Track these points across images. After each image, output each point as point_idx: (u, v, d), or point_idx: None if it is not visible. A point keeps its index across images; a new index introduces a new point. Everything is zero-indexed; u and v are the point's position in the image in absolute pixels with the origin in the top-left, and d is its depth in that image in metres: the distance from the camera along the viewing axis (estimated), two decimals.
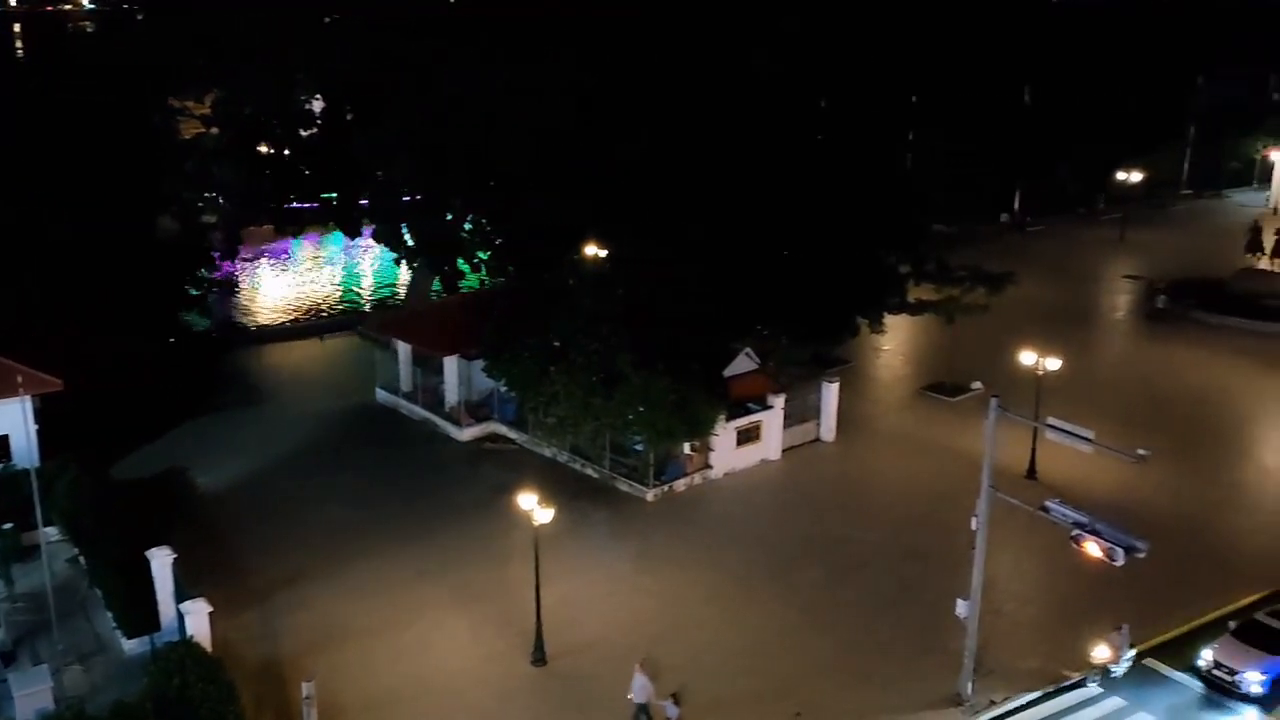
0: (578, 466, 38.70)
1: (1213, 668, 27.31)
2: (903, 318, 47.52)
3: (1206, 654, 27.65)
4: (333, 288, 65.35)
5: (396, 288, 64.57)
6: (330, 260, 70.79)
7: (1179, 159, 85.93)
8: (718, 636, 29.43)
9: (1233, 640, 27.72)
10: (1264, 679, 26.65)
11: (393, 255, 52.56)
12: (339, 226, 52.05)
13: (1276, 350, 50.46)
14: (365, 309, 60.76)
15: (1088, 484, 35.74)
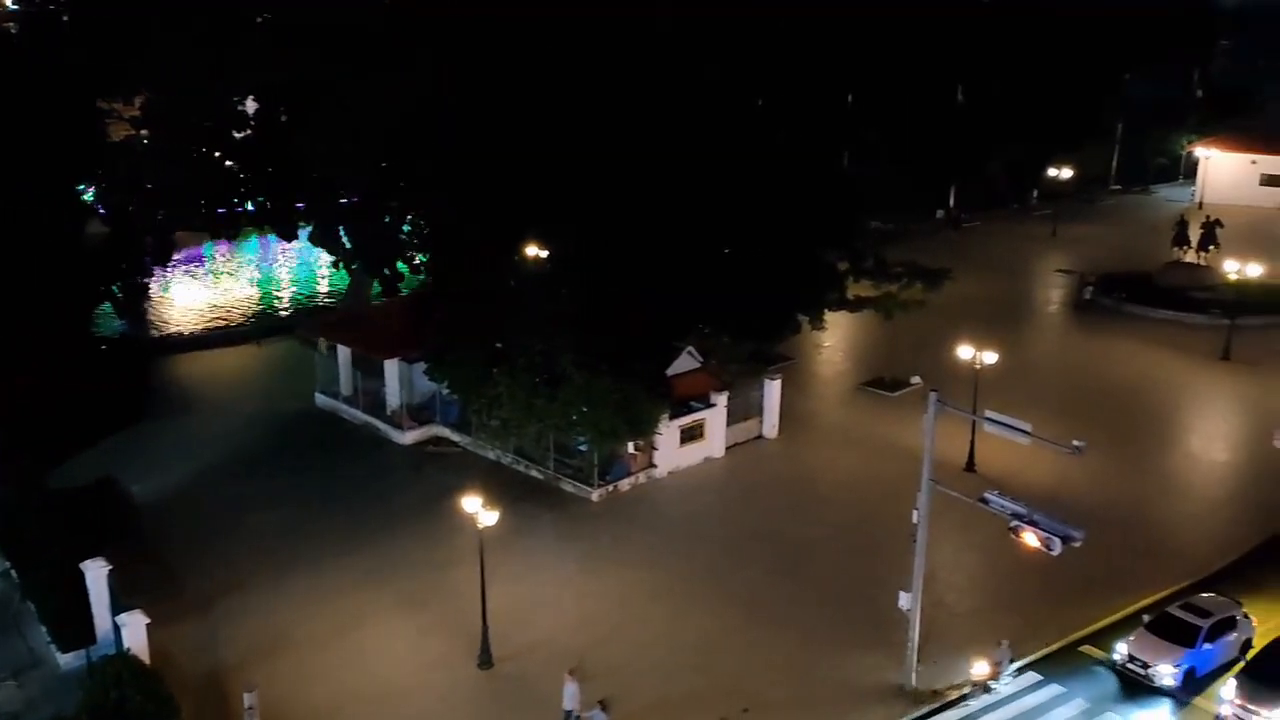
0: (522, 468, 38.56)
1: (1127, 661, 27.65)
2: (842, 314, 47.99)
3: (1121, 648, 28.01)
4: (251, 293, 64.46)
5: (317, 293, 64.13)
6: (246, 266, 69.71)
7: (1107, 155, 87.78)
8: (664, 635, 29.51)
9: (1146, 634, 28.06)
10: (1176, 671, 27.02)
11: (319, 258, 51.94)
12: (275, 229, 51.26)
13: (1203, 342, 51.73)
14: (287, 314, 60.17)
15: (1025, 475, 36.38)
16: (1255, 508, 36.02)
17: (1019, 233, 75.20)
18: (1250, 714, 25.63)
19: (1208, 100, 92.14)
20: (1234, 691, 26.09)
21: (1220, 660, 27.90)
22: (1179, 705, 26.75)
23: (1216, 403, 46.29)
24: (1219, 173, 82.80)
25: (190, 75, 43.83)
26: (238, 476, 38.48)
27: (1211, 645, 27.63)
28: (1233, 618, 28.36)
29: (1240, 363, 49.43)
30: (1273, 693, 25.62)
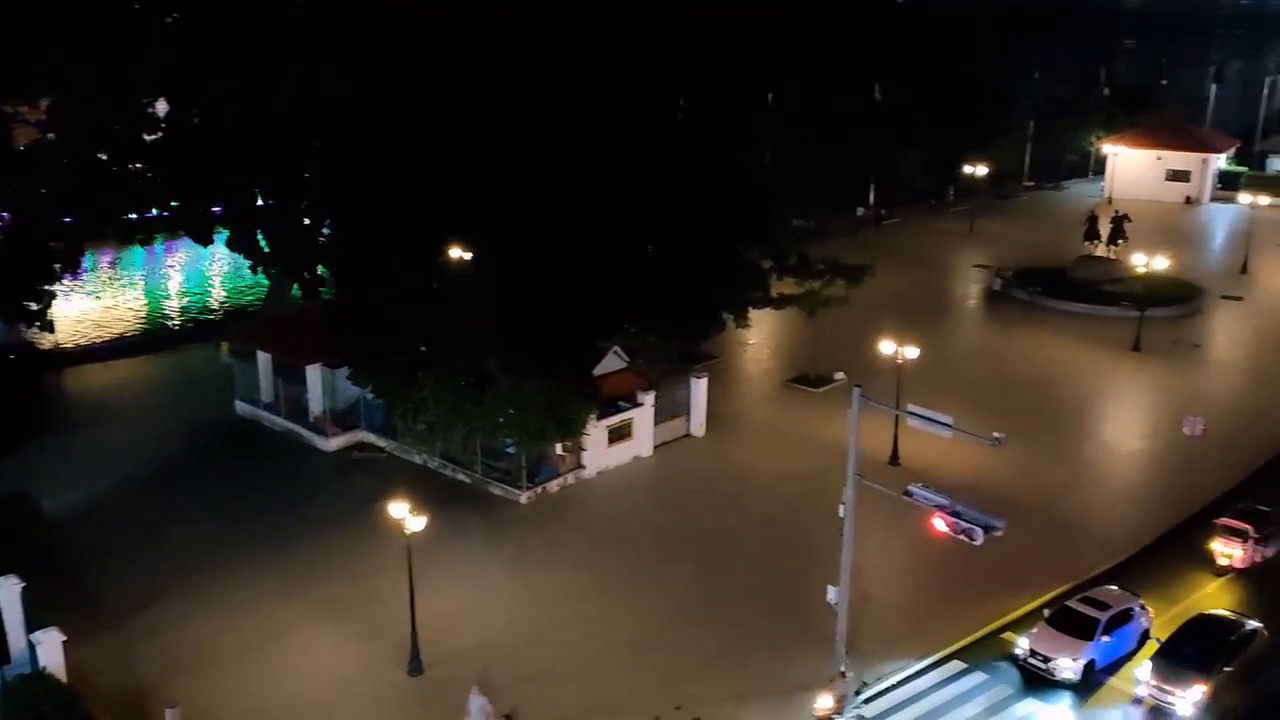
0: (449, 472, 38.23)
1: (1028, 656, 27.80)
2: (767, 312, 48.47)
3: (1023, 642, 28.15)
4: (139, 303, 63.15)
5: (210, 301, 63.12)
6: (132, 275, 68.09)
7: (1020, 152, 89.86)
8: (595, 634, 29.48)
9: (1046, 628, 28.24)
10: (1076, 665, 27.25)
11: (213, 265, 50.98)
12: (189, 234, 50.10)
13: (1114, 334, 53.23)
14: (175, 324, 59.10)
15: (948, 467, 37.06)
16: (1167, 494, 37.13)
17: (937, 229, 76.63)
18: (1165, 694, 26.41)
19: (1114, 98, 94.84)
20: (1150, 673, 26.85)
21: (1119, 652, 28.38)
22: (1081, 698, 27.09)
23: (1128, 392, 47.66)
24: (1127, 169, 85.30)
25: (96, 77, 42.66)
26: (154, 488, 37.55)
27: (1110, 637, 28.04)
28: (1130, 610, 28.82)
29: (1150, 353, 50.96)
30: (1186, 673, 26.43)
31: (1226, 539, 32.31)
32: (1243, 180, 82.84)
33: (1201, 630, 27.80)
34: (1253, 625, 28.02)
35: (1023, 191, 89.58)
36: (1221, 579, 31.88)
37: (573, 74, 43.95)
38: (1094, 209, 67.70)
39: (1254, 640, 27.74)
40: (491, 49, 43.39)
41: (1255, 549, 32.12)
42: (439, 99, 42.79)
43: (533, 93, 42.92)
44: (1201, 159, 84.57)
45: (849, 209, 78.67)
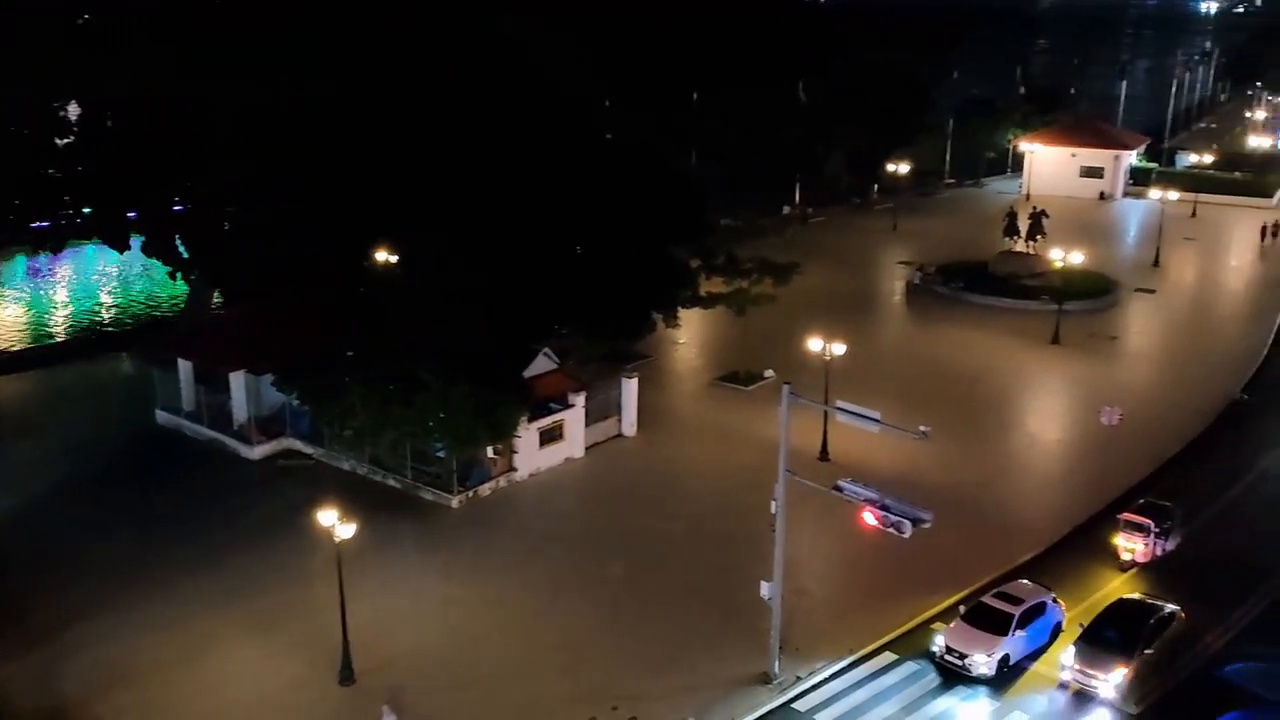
0: (379, 478, 37.75)
1: (945, 653, 27.90)
2: (696, 311, 48.67)
3: (939, 639, 28.25)
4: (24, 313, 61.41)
5: (100, 312, 61.83)
6: (12, 285, 66.06)
7: (940, 150, 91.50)
8: (530, 638, 29.33)
9: (962, 624, 28.40)
10: (991, 660, 27.35)
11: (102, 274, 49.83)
12: (104, 240, 48.82)
13: (1035, 327, 54.41)
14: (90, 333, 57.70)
15: (877, 462, 37.54)
16: (1087, 482, 38.02)
17: (862, 227, 77.67)
18: (1089, 678, 27.04)
19: (1029, 97, 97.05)
20: (1073, 658, 27.46)
21: (1034, 646, 28.55)
22: (997, 692, 27.39)
23: (1049, 384, 48.76)
24: (1043, 165, 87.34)
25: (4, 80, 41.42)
26: (73, 502, 36.48)
27: (1024, 632, 28.19)
28: (1043, 603, 29.01)
29: (1068, 346, 52.20)
30: (1108, 656, 27.08)
31: (1129, 534, 32.80)
32: (1153, 176, 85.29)
33: (1122, 614, 28.49)
34: (1170, 608, 28.80)
35: (944, 189, 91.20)
36: (1126, 574, 32.45)
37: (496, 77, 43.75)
38: (1013, 205, 69.09)
39: (1172, 623, 28.55)
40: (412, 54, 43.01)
41: (1156, 543, 32.76)
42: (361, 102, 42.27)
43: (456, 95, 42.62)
44: (1114, 156, 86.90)
45: (775, 208, 79.38)
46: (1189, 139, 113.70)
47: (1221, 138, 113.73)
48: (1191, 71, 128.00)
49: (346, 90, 42.03)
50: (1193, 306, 60.83)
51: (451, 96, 42.93)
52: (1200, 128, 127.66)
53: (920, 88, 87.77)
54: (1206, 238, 74.57)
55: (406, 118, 42.10)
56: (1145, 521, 32.76)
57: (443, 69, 43.46)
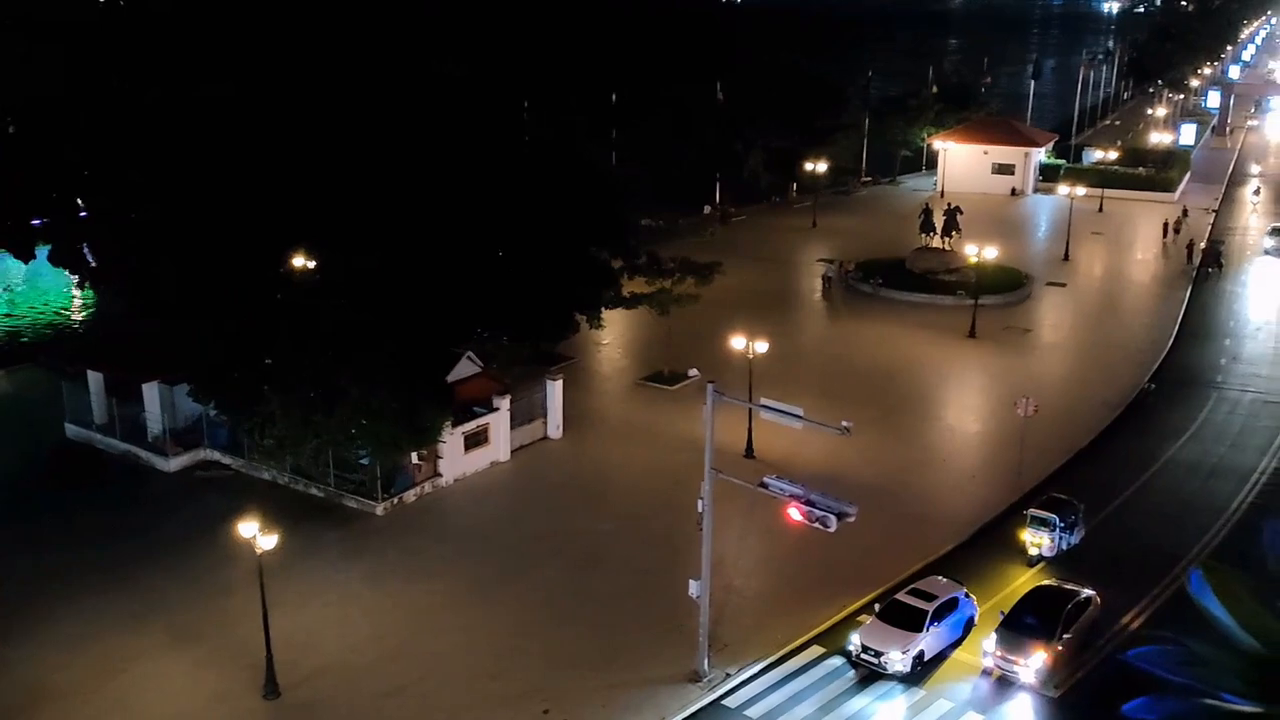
0: (301, 487, 37.09)
1: (861, 652, 27.94)
2: (619, 311, 48.70)
3: (854, 638, 28.23)
4: None
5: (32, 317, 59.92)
6: None
7: (857, 149, 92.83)
8: (460, 644, 29.07)
9: (877, 622, 28.47)
10: (906, 658, 27.44)
11: None
12: (8, 249, 47.21)
13: (951, 321, 55.50)
14: None
15: (801, 457, 37.93)
16: (1005, 472, 38.87)
17: (782, 225, 78.43)
18: (1009, 663, 27.61)
19: (942, 96, 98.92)
20: (994, 644, 28.01)
21: (947, 641, 28.78)
22: (913, 687, 27.68)
23: (966, 377, 49.77)
24: (956, 163, 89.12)
25: None
26: None
27: (938, 627, 28.36)
28: (956, 599, 29.18)
29: (984, 339, 53.34)
30: (1028, 642, 27.69)
31: (1035, 529, 33.15)
32: (1062, 172, 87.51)
33: (1041, 600, 29.10)
34: (1087, 593, 29.56)
35: (861, 187, 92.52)
36: (1033, 568, 32.92)
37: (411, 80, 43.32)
38: (928, 202, 70.34)
39: (1088, 607, 29.32)
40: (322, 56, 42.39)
41: (1061, 537, 33.15)
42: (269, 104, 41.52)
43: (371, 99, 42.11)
44: (1024, 153, 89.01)
45: (696, 208, 79.80)
46: (1095, 136, 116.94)
47: (1125, 134, 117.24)
48: (1095, 70, 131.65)
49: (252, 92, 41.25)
50: (1101, 299, 62.58)
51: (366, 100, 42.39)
52: (1105, 125, 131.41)
53: (834, 88, 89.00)
54: (1113, 232, 76.78)
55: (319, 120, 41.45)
56: (1050, 516, 33.21)
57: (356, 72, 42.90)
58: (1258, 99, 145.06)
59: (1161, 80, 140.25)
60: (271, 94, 41.25)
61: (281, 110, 41.20)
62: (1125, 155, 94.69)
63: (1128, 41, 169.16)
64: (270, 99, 41.20)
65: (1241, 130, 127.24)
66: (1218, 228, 78.37)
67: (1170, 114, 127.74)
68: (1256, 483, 38.95)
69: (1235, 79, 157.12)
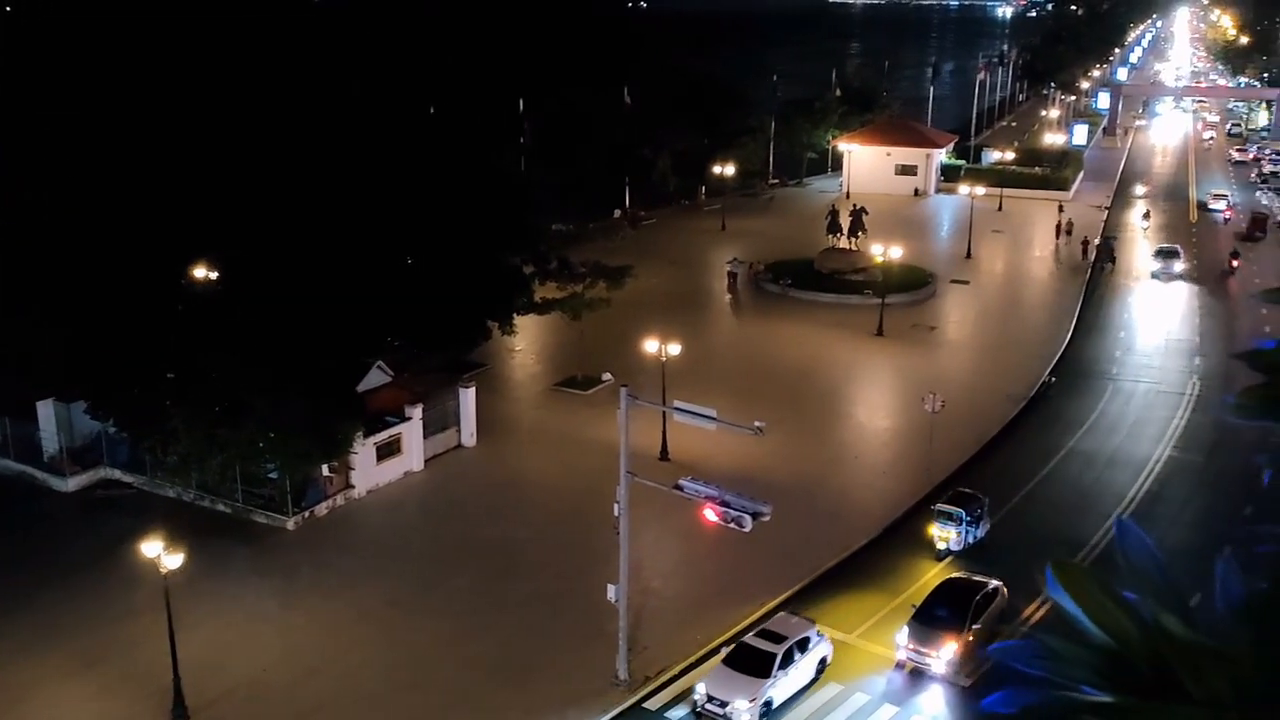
0: (207, 503, 36.10)
1: (705, 702, 26.26)
2: (531, 317, 48.46)
3: (700, 687, 26.49)
4: None
5: None
6: None
7: (764, 151, 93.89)
8: (375, 658, 28.60)
9: (723, 669, 26.79)
10: (754, 707, 25.93)
11: None
12: None
13: (859, 320, 56.42)
14: None
15: (716, 458, 38.15)
16: (915, 467, 39.64)
17: (692, 228, 78.90)
18: (922, 656, 28.05)
19: (845, 98, 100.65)
20: (906, 637, 28.40)
21: (798, 686, 27.40)
22: (826, 684, 28.29)
23: (875, 375, 50.66)
24: (861, 164, 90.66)
25: None
26: None
27: (787, 671, 26.90)
28: (807, 639, 27.76)
29: (892, 337, 54.35)
30: (939, 633, 28.11)
31: (942, 524, 33.63)
32: (962, 172, 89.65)
33: (950, 592, 29.67)
34: (994, 584, 30.12)
35: (768, 189, 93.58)
36: (942, 562, 33.41)
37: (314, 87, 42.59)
38: (834, 203, 71.38)
39: (996, 598, 29.98)
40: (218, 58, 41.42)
41: (968, 530, 33.63)
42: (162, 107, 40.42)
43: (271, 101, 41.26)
44: (926, 154, 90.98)
45: (606, 212, 79.87)
46: (992, 137, 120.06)
47: (1021, 135, 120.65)
48: (992, 73, 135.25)
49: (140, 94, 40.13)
50: (1003, 296, 64.26)
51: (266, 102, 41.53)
52: (1002, 126, 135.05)
53: (739, 91, 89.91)
54: (1012, 230, 78.89)
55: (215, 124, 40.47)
56: (957, 511, 33.75)
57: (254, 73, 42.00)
58: (1145, 100, 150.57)
59: (1054, 82, 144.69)
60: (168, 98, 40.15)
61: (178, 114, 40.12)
62: (1022, 155, 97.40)
63: (1022, 45, 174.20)
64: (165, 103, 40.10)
65: (1130, 130, 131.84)
66: (1110, 224, 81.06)
67: (1063, 115, 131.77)
68: (1152, 470, 40.37)
69: (1123, 81, 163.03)
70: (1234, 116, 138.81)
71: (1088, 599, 1.60)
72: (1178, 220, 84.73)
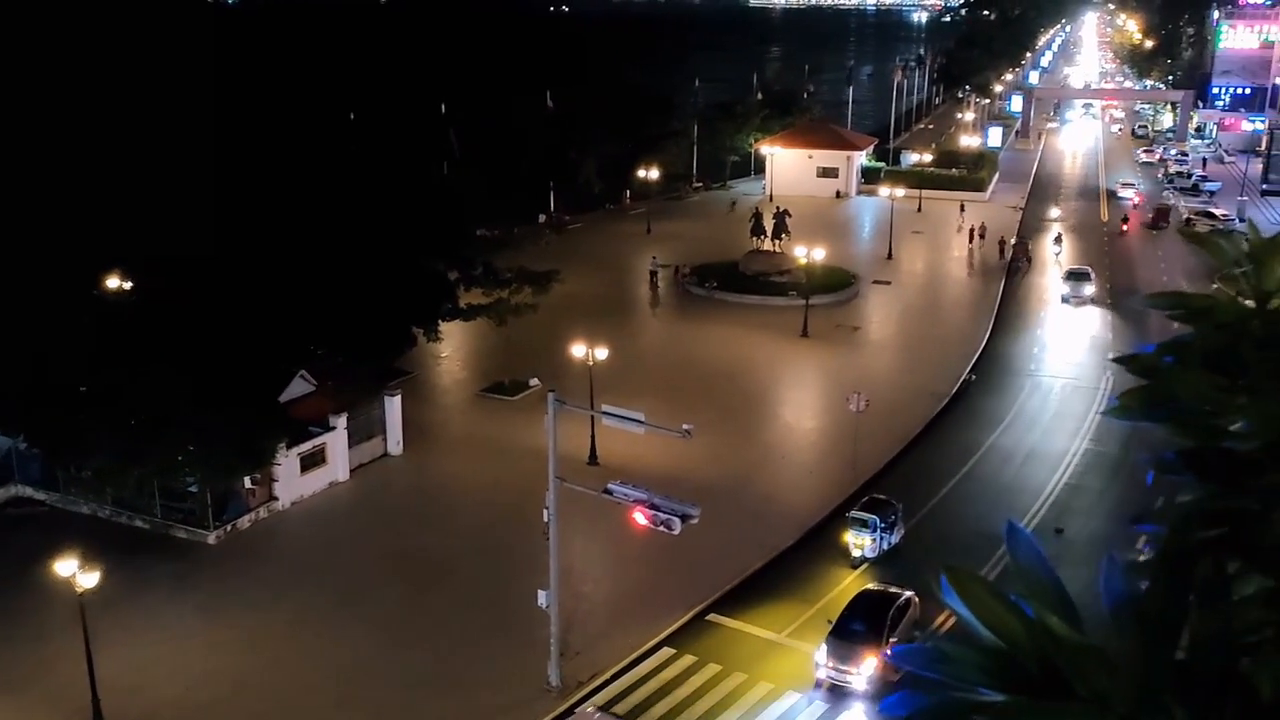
0: (125, 520, 35.22)
1: None
2: (457, 324, 48.13)
3: None
4: None
5: None
6: None
7: (688, 155, 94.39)
8: (303, 673, 28.14)
9: None
10: None
11: None
12: None
13: (784, 321, 56.99)
14: None
15: (645, 461, 38.19)
16: (841, 465, 40.15)
17: (617, 231, 79.02)
18: (842, 673, 27.54)
19: (766, 102, 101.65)
20: (824, 655, 27.66)
21: None
22: (751, 689, 28.84)
23: (801, 375, 51.22)
24: (783, 167, 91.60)
25: None
26: None
27: None
28: None
29: (817, 338, 55.00)
30: (857, 648, 27.53)
31: (856, 531, 33.19)
32: (882, 174, 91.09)
33: (865, 606, 29.01)
34: (907, 594, 29.41)
35: (693, 192, 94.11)
36: (857, 570, 32.95)
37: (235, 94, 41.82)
38: (758, 206, 72.02)
39: (909, 609, 29.40)
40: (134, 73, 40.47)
41: (882, 537, 33.23)
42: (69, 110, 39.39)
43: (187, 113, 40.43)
44: (846, 156, 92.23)
45: (531, 217, 79.61)
46: (911, 139, 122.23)
47: (939, 137, 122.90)
48: (909, 77, 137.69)
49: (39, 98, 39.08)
50: (924, 295, 65.40)
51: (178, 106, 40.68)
52: (920, 129, 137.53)
53: (663, 95, 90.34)
54: (932, 231, 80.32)
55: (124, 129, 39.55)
56: (870, 518, 33.24)
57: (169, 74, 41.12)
58: (1056, 103, 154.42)
59: (969, 85, 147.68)
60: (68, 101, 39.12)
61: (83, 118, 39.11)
62: (940, 157, 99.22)
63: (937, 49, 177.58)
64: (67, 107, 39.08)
65: (1043, 132, 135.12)
66: (1025, 225, 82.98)
67: (978, 117, 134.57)
68: (1069, 465, 41.39)
69: (1035, 84, 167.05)
70: (1141, 119, 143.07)
71: (977, 602, 1.65)
72: (1090, 219, 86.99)
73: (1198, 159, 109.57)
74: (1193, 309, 1.94)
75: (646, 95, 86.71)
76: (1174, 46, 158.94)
